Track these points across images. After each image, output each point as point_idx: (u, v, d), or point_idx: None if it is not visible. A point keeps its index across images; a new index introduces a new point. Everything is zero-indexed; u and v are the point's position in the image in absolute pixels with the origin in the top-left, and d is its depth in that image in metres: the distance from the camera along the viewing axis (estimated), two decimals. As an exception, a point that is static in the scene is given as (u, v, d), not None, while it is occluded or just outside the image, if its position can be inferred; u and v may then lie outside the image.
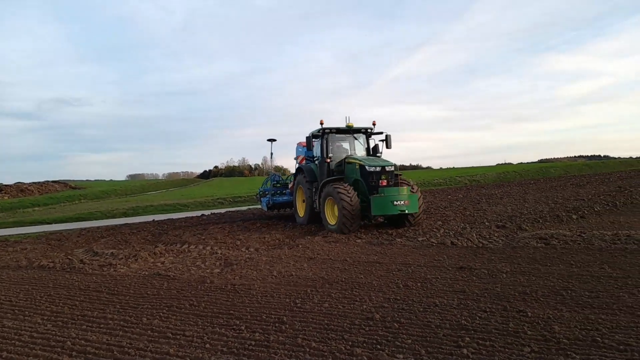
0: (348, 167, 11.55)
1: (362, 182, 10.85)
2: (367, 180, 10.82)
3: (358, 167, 11.04)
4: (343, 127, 12.27)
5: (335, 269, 6.82)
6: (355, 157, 11.58)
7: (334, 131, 12.18)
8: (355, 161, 11.27)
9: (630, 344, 3.53)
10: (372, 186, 10.73)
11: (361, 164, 10.98)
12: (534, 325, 4.04)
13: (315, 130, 12.24)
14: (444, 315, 4.43)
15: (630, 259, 6.51)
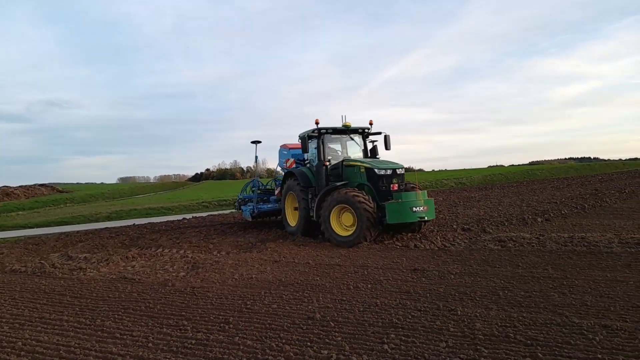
0: (348, 171, 10.57)
1: (370, 187, 9.88)
2: (377, 184, 9.83)
3: (364, 170, 10.10)
4: (340, 127, 11.36)
5: (295, 272, 7.07)
6: (358, 160, 10.71)
7: (330, 131, 11.22)
8: (359, 164, 10.30)
9: (538, 339, 3.83)
10: (383, 191, 9.77)
11: (368, 167, 10.03)
12: (459, 323, 4.33)
13: (309, 130, 11.17)
14: (380, 314, 4.71)
15: (574, 261, 6.85)
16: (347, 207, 9.48)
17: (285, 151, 13.52)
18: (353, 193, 9.44)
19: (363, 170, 10.16)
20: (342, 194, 9.57)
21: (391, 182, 9.91)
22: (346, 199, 9.44)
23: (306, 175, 11.18)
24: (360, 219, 9.17)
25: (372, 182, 9.91)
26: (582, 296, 5.09)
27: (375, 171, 9.88)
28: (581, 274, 6.07)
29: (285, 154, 13.42)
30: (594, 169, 63.75)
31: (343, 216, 9.71)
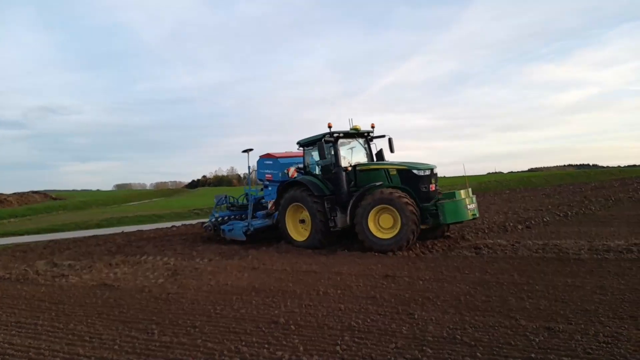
0: (363, 175, 10.27)
1: (407, 189, 9.50)
2: (417, 185, 9.52)
3: (395, 172, 9.80)
4: (350, 130, 10.97)
5: (270, 278, 7.27)
6: (384, 162, 10.43)
7: (342, 135, 10.78)
8: (387, 166, 10.01)
9: (482, 341, 4.05)
10: (424, 192, 9.51)
11: (405, 168, 9.73)
12: (413, 326, 4.54)
13: (319, 134, 10.63)
14: (341, 318, 4.91)
15: (541, 267, 7.07)
16: (388, 208, 9.11)
17: (269, 161, 12.32)
18: (398, 194, 9.10)
19: (395, 173, 9.83)
20: (385, 194, 9.15)
21: (430, 182, 9.71)
22: (390, 199, 9.04)
23: (317, 183, 10.40)
24: (404, 221, 8.85)
25: (410, 184, 9.57)
26: (537, 301, 5.31)
27: (415, 172, 9.60)
28: (544, 280, 6.29)
29: (271, 164, 12.26)
30: (590, 175, 64.02)
31: (381, 218, 9.32)
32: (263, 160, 12.50)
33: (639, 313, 4.66)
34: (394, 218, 9.11)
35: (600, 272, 6.51)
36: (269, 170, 12.17)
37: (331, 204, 10.07)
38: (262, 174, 12.37)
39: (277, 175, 12.02)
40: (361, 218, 9.33)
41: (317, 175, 10.88)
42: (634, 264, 6.82)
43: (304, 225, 10.68)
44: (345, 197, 10.00)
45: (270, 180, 12.14)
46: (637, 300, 5.09)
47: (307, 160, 11.37)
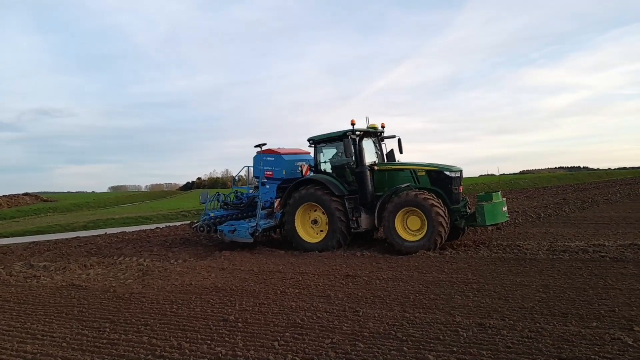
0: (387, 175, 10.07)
1: (437, 190, 9.37)
2: (447, 187, 9.41)
3: (424, 173, 9.66)
4: (368, 129, 10.71)
5: (235, 278, 7.45)
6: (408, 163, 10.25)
7: (362, 134, 10.43)
8: (415, 167, 9.83)
9: (414, 336, 4.26)
10: (455, 194, 9.42)
11: (435, 170, 9.61)
12: (354, 323, 4.74)
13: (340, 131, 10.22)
14: (289, 316, 5.11)
15: (496, 267, 7.30)
16: (415, 210, 9.03)
17: (269, 157, 11.25)
18: (424, 196, 8.96)
19: (423, 174, 9.68)
20: (411, 197, 9.02)
21: (460, 184, 9.67)
22: (416, 202, 8.94)
23: (336, 182, 10.03)
24: (432, 224, 8.77)
25: (440, 185, 9.46)
26: (481, 299, 5.54)
27: (447, 174, 9.49)
28: (495, 279, 6.52)
29: (272, 161, 11.22)
30: (577, 178, 65.00)
31: (408, 220, 9.23)
32: (262, 156, 11.39)
33: (571, 310, 4.89)
34: (421, 220, 9.05)
35: (550, 271, 6.75)
36: (269, 167, 11.19)
37: (354, 204, 9.82)
38: (261, 171, 11.32)
39: (280, 172, 11.15)
40: (388, 220, 9.19)
41: (331, 174, 10.52)
42: (584, 264, 7.07)
43: (317, 226, 10.28)
44: (370, 198, 9.77)
45: (269, 178, 11.18)
46: (575, 298, 5.33)
47: (319, 158, 10.95)
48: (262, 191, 11.32)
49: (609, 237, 9.77)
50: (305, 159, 11.78)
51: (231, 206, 11.97)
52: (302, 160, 11.64)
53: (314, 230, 10.36)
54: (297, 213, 10.33)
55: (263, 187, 11.33)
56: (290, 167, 11.22)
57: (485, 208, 9.07)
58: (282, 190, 11.08)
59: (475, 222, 9.23)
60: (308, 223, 10.41)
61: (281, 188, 11.16)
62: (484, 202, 9.22)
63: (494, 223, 9.43)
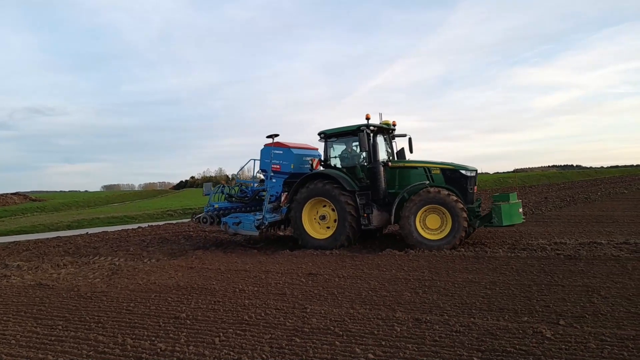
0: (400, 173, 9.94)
1: (452, 189, 9.30)
2: (463, 186, 9.38)
3: (440, 171, 9.57)
4: (384, 125, 10.54)
5: (200, 277, 7.59)
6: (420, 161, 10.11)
7: (375, 129, 10.23)
8: (430, 165, 9.75)
9: (351, 331, 4.44)
10: (470, 193, 9.40)
11: (451, 168, 9.53)
12: (299, 319, 4.92)
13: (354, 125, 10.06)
14: (239, 313, 5.27)
15: (455, 265, 7.49)
16: (438, 208, 8.96)
17: (278, 150, 10.88)
18: (452, 195, 8.91)
19: (438, 172, 9.58)
20: (439, 195, 8.91)
21: (475, 183, 9.63)
22: (442, 200, 8.85)
23: (347, 178, 9.87)
24: (457, 224, 8.73)
25: (456, 184, 9.40)
26: (430, 295, 5.73)
27: (463, 172, 9.43)
28: (449, 276, 6.71)
29: (281, 154, 10.86)
30: (566, 176, 65.69)
31: (427, 218, 9.12)
32: (271, 149, 10.98)
33: (508, 306, 5.09)
34: (442, 219, 8.97)
35: (504, 269, 6.95)
36: (277, 160, 10.83)
37: (365, 200, 9.62)
38: (268, 164, 10.93)
39: (288, 166, 10.88)
40: (408, 217, 9.08)
41: (342, 169, 10.35)
42: (538, 262, 7.29)
43: (325, 222, 10.08)
44: (383, 194, 9.64)
45: (277, 172, 10.86)
46: (517, 294, 5.53)
47: (329, 153, 10.72)
48: (268, 185, 11.07)
49: (573, 236, 10.01)
50: (314, 155, 11.60)
51: (236, 199, 11.68)
52: (311, 155, 11.43)
53: (322, 227, 10.13)
54: (304, 208, 10.08)
55: (268, 181, 11.05)
56: (299, 162, 11.01)
57: (503, 208, 8.99)
58: (288, 184, 10.92)
59: (491, 222, 9.17)
60: (315, 219, 10.20)
61: (287, 182, 10.97)
62: (501, 202, 9.14)
63: (510, 224, 9.31)
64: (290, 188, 10.68)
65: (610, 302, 4.98)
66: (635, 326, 4.22)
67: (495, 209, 9.11)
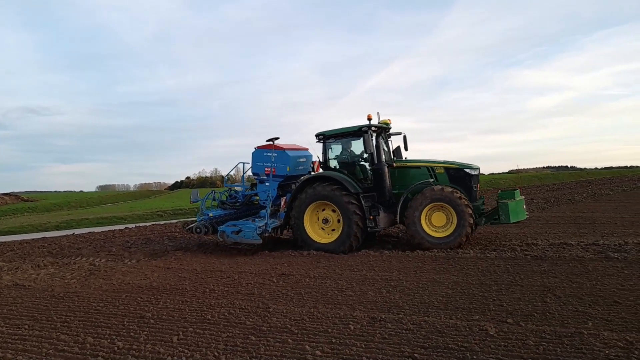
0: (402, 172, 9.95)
1: (457, 188, 9.32)
2: (468, 185, 9.47)
3: (444, 170, 9.62)
4: (382, 125, 10.40)
5: (175, 277, 7.71)
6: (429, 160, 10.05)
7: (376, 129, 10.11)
8: (433, 164, 9.78)
9: (306, 329, 4.58)
10: (474, 192, 9.49)
11: (456, 167, 9.61)
12: (260, 318, 5.06)
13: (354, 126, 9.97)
14: (203, 312, 5.40)
15: (422, 265, 7.63)
16: (443, 206, 8.99)
17: (270, 153, 10.39)
18: (458, 193, 8.94)
19: (442, 171, 9.64)
20: (444, 192, 8.93)
21: (478, 182, 9.72)
22: (448, 198, 8.87)
23: (350, 180, 9.66)
24: (462, 221, 8.76)
25: (460, 183, 9.47)
26: (393, 295, 5.88)
27: (467, 171, 9.54)
28: (416, 276, 6.87)
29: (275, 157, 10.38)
30: (558, 177, 66.22)
31: (433, 217, 9.14)
32: (262, 151, 10.60)
33: (464, 305, 5.25)
34: (448, 217, 9.00)
35: (470, 269, 7.13)
36: (271, 163, 10.42)
37: (371, 202, 9.49)
38: (260, 167, 10.59)
39: (284, 169, 10.44)
40: (413, 216, 9.06)
41: (342, 171, 10.15)
42: (505, 262, 7.47)
43: (328, 226, 9.88)
44: (389, 195, 9.62)
45: (271, 175, 10.45)
46: (476, 294, 5.70)
47: (328, 155, 10.45)
48: (260, 189, 10.78)
49: (547, 237, 10.19)
50: (307, 156, 11.40)
51: (229, 205, 11.16)
52: (304, 156, 11.24)
53: (325, 231, 9.91)
54: (306, 212, 9.82)
55: (261, 185, 10.74)
56: (294, 164, 10.66)
57: (510, 206, 9.06)
58: (283, 188, 10.69)
59: (498, 220, 9.26)
60: (317, 222, 10.00)
61: (282, 186, 10.70)
62: (508, 200, 9.18)
63: (517, 221, 9.37)
64: (285, 192, 10.55)
65: (562, 302, 5.16)
66: (578, 324, 4.40)
67: (502, 206, 9.14)
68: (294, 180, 10.82)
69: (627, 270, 6.42)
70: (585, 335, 4.03)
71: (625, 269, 6.54)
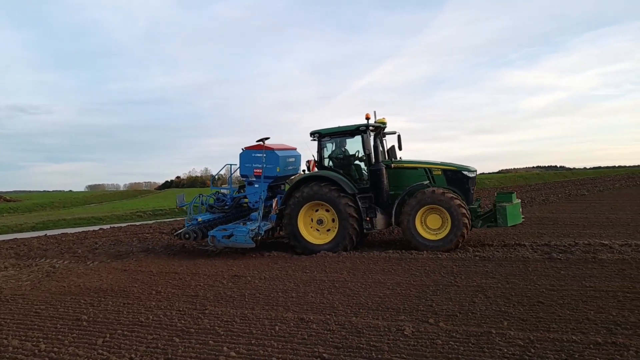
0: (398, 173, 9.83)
1: (454, 190, 9.29)
2: (465, 187, 9.42)
3: (441, 172, 9.56)
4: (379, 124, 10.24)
5: (128, 279, 7.74)
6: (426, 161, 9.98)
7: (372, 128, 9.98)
8: (430, 165, 9.70)
9: (232, 331, 4.67)
10: (471, 194, 9.49)
11: (453, 169, 9.54)
12: (192, 320, 5.14)
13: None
14: (139, 314, 5.46)
15: (376, 265, 7.76)
16: (437, 209, 8.90)
17: (259, 154, 10.16)
18: (451, 195, 8.88)
19: (439, 173, 9.57)
20: (437, 194, 8.85)
21: (474, 184, 9.71)
22: (442, 200, 8.79)
23: (346, 180, 9.55)
24: (456, 224, 8.68)
25: (457, 185, 9.42)
26: (333, 296, 5.98)
27: (465, 173, 9.48)
28: (362, 278, 6.97)
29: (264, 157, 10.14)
30: (543, 177, 67.11)
31: (428, 219, 9.07)
32: (251, 152, 10.36)
33: (397, 306, 5.36)
34: (443, 219, 8.94)
35: (416, 270, 7.26)
36: (260, 164, 10.18)
37: (368, 203, 9.46)
38: (249, 169, 10.37)
39: (273, 170, 10.24)
40: (408, 218, 9.00)
41: (338, 171, 9.98)
42: (453, 263, 7.62)
43: (323, 226, 9.75)
44: (386, 196, 9.54)
45: (260, 176, 10.21)
46: (413, 295, 5.82)
47: (323, 154, 10.29)
48: (248, 191, 10.55)
49: (504, 238, 10.26)
50: (295, 155, 11.28)
51: (217, 209, 10.88)
52: (294, 156, 11.12)
53: (320, 232, 9.76)
54: (300, 213, 9.64)
55: (249, 187, 10.53)
56: (284, 164, 10.46)
57: (508, 209, 9.03)
58: (273, 189, 10.59)
59: (495, 223, 9.23)
60: (311, 223, 9.83)
61: (272, 187, 10.56)
62: (505, 203, 9.16)
63: (514, 224, 9.37)
64: (275, 193, 10.43)
65: (489, 302, 5.31)
66: (494, 324, 4.54)
67: (500, 209, 9.10)
68: (283, 181, 10.69)
69: (563, 271, 6.60)
70: (493, 335, 4.18)
71: (562, 269, 6.73)
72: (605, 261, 7.08)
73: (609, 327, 4.25)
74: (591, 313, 4.68)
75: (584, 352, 3.69)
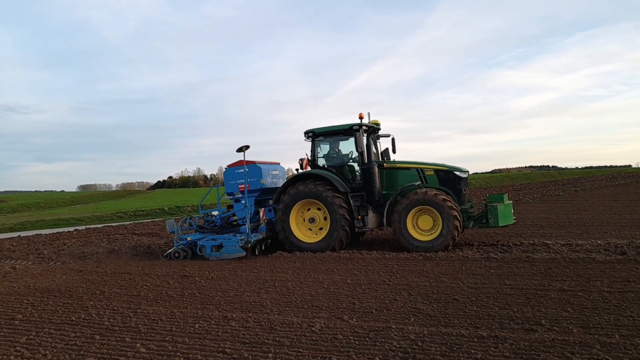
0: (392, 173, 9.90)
1: (446, 190, 9.34)
2: (457, 187, 9.47)
3: (433, 172, 9.59)
4: (373, 125, 10.37)
5: (81, 280, 7.92)
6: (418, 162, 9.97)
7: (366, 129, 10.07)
8: (423, 166, 9.74)
9: (170, 329, 4.87)
10: (463, 195, 9.57)
11: (445, 169, 9.58)
12: (122, 319, 5.34)
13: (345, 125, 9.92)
14: (72, 314, 5.65)
15: (336, 265, 7.95)
16: (429, 209, 8.93)
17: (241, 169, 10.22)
18: (442, 196, 8.88)
19: (432, 173, 9.61)
20: (428, 195, 8.85)
21: (467, 185, 9.78)
22: (433, 201, 8.80)
23: (338, 179, 9.63)
24: (447, 224, 8.68)
25: (450, 185, 9.46)
26: (268, 295, 6.17)
27: (457, 174, 9.52)
28: (304, 277, 7.18)
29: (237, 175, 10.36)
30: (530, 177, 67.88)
31: (420, 220, 9.09)
32: (233, 169, 10.60)
33: (327, 304, 5.53)
34: (434, 220, 8.95)
35: (359, 269, 7.50)
36: (242, 179, 10.31)
37: (360, 202, 9.57)
38: (234, 186, 10.57)
39: (257, 182, 10.45)
40: (399, 219, 9.03)
41: (331, 170, 10.08)
42: (396, 262, 7.89)
43: (315, 225, 9.84)
44: (378, 195, 9.63)
45: (244, 192, 10.28)
46: (344, 294, 6.01)
47: (317, 153, 10.38)
48: (236, 208, 10.73)
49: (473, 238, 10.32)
50: (280, 169, 11.51)
51: (208, 230, 10.79)
52: (277, 169, 11.33)
53: (313, 230, 9.87)
54: (292, 211, 9.75)
55: (237, 205, 10.73)
56: (267, 176, 10.71)
57: (499, 209, 9.08)
58: (259, 203, 10.64)
59: (487, 223, 9.28)
60: (303, 222, 9.95)
61: (259, 201, 10.67)
62: (497, 204, 9.23)
63: (506, 224, 9.42)
64: (262, 206, 10.40)
65: (409, 299, 5.52)
66: (400, 320, 4.75)
67: (491, 210, 9.16)
68: (270, 195, 10.69)
69: (493, 270, 6.87)
70: (392, 330, 4.42)
71: (493, 268, 7.00)
72: (536, 260, 7.37)
73: (502, 322, 4.52)
74: (495, 309, 4.94)
75: (464, 345, 3.95)
